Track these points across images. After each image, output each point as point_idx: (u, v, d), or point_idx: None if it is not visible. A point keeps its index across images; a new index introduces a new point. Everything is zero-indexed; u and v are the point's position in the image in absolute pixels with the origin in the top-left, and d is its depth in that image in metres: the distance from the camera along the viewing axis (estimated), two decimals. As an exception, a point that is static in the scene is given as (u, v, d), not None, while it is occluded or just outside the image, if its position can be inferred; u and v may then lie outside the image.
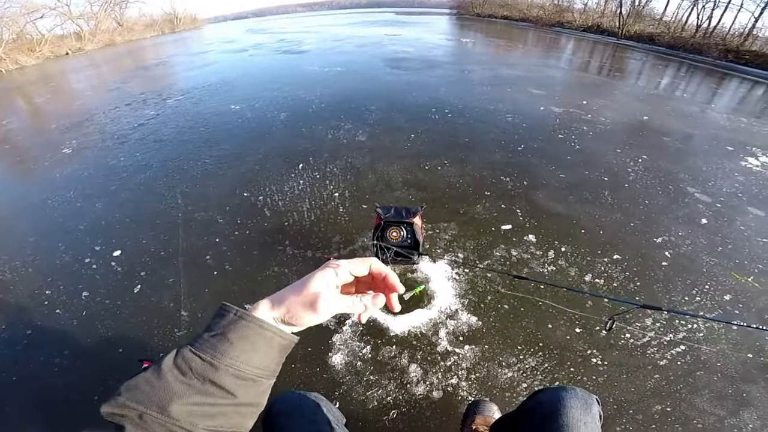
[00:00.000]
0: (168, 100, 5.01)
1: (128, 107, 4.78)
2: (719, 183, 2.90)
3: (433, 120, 3.84)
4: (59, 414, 1.49)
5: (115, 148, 3.52)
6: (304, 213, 2.54)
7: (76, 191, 2.89)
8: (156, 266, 2.16)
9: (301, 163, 3.07)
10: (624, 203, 2.66)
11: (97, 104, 5.08)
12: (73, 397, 1.53)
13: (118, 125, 4.13)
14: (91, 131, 4.03)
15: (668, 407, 1.47)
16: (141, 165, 3.18)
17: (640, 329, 1.77)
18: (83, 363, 1.66)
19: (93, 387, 1.55)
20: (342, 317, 1.84)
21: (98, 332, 1.79)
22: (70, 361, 1.67)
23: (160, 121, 4.14)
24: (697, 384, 1.55)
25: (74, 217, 2.61)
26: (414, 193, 2.76)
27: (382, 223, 1.92)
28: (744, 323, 1.73)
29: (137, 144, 3.58)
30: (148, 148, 3.47)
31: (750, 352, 1.67)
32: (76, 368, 1.64)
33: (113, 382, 1.54)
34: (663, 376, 1.58)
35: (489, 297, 1.94)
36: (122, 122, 4.22)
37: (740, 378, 1.57)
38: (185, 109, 4.53)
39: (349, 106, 4.34)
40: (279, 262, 2.17)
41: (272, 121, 3.99)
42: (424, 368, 1.63)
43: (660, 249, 2.27)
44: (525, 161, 3.13)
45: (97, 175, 3.07)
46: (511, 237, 2.34)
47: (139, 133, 3.83)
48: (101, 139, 3.77)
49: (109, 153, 3.44)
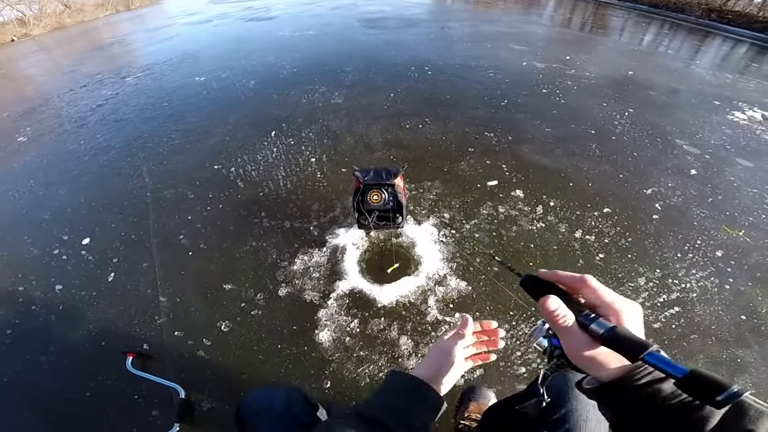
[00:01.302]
0: (127, 78, 4.68)
1: (84, 89, 4.45)
2: (707, 135, 2.84)
3: (412, 78, 3.65)
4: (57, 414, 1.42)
5: (74, 132, 3.28)
6: (280, 182, 2.38)
7: (37, 180, 2.68)
8: (128, 251, 2.02)
9: (273, 131, 2.88)
10: (612, 155, 2.58)
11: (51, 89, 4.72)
12: (68, 395, 1.46)
13: (75, 108, 3.85)
14: (47, 117, 3.75)
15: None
16: (103, 147, 2.97)
17: (632, 290, 1.72)
18: (70, 359, 1.58)
19: (85, 383, 1.48)
20: (326, 290, 1.74)
21: (79, 326, 1.69)
22: (57, 358, 1.58)
23: (119, 100, 3.88)
24: (691, 349, 1.51)
25: (38, 206, 2.42)
26: (395, 153, 2.63)
27: (361, 186, 1.79)
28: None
29: (97, 126, 3.34)
30: (109, 129, 3.24)
31: (743, 313, 1.65)
32: (64, 365, 1.56)
33: (103, 377, 1.49)
34: (657, 340, 1.54)
35: (478, 259, 1.86)
36: (79, 105, 3.93)
37: (734, 342, 1.54)
38: (146, 86, 4.24)
39: (324, 69, 4.10)
40: (256, 235, 2.04)
41: (241, 89, 3.74)
42: (415, 340, 1.56)
43: (650, 201, 2.22)
44: (509, 116, 3.01)
45: (57, 161, 2.86)
46: (498, 193, 2.25)
47: (98, 115, 3.58)
48: (58, 124, 3.51)
49: (68, 137, 3.20)
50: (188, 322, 1.66)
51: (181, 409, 1.34)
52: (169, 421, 1.33)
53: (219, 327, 1.63)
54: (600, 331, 0.47)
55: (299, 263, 1.87)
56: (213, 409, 1.39)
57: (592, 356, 0.48)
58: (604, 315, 0.49)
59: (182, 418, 1.32)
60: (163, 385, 1.44)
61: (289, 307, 1.70)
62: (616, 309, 0.49)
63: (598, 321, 0.48)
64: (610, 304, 0.49)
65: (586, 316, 0.49)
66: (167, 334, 1.62)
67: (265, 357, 1.53)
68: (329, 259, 1.88)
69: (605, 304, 0.50)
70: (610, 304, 0.49)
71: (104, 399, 1.44)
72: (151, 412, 1.39)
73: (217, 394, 1.42)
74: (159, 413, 1.38)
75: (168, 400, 1.40)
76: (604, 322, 0.48)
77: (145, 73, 4.78)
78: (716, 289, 1.74)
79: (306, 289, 1.76)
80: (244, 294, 1.76)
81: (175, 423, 1.31)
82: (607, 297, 0.50)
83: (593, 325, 0.48)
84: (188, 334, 1.62)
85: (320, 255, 1.90)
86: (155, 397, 1.43)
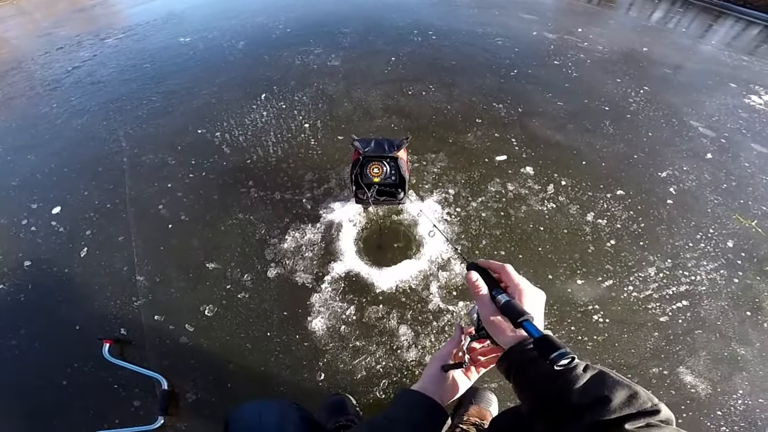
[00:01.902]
0: (107, 39, 4.33)
1: (60, 51, 4.10)
2: (723, 118, 2.69)
3: (415, 42, 3.38)
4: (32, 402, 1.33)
5: (47, 95, 3.01)
6: (270, 148, 2.18)
7: (5, 145, 2.44)
8: (102, 222, 1.84)
9: (263, 93, 2.65)
10: (626, 134, 2.42)
11: (26, 51, 4.36)
12: (42, 383, 1.36)
13: (50, 71, 3.54)
14: (18, 80, 3.44)
15: (665, 370, 1.38)
16: (77, 110, 2.72)
17: (642, 281, 1.63)
18: (42, 343, 1.45)
19: (60, 370, 1.38)
20: (319, 272, 1.60)
21: (50, 307, 1.55)
22: (28, 342, 1.46)
23: (97, 62, 3.57)
24: (695, 345, 1.45)
25: (5, 173, 2.20)
26: (396, 121, 2.43)
27: (360, 158, 1.61)
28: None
29: (72, 88, 3.06)
30: (85, 92, 2.98)
31: (749, 309, 1.57)
32: (36, 350, 1.45)
33: (79, 364, 1.39)
34: (663, 334, 1.47)
35: (484, 241, 1.73)
36: (54, 67, 3.61)
37: (737, 339, 1.48)
38: (127, 48, 3.92)
39: (320, 30, 3.80)
40: (243, 206, 1.87)
41: (229, 50, 3.45)
42: (416, 330, 1.44)
43: (664, 184, 2.09)
44: (519, 87, 2.80)
45: (26, 126, 2.62)
46: (507, 169, 2.10)
47: (74, 77, 3.29)
48: (30, 87, 3.22)
49: (40, 101, 2.94)
50: (169, 305, 1.53)
51: (164, 402, 1.25)
52: (152, 412, 1.25)
53: (203, 311, 1.50)
54: (501, 300, 0.63)
55: (290, 240, 1.71)
56: (198, 400, 1.29)
57: (496, 321, 0.62)
58: (511, 293, 0.64)
59: (166, 410, 1.24)
60: (144, 375, 1.33)
61: (279, 290, 1.57)
62: (521, 289, 0.64)
63: (502, 294, 0.64)
64: (517, 285, 0.64)
65: (497, 291, 0.65)
66: (146, 318, 1.49)
67: (253, 345, 1.41)
68: (323, 237, 1.73)
69: (514, 285, 0.65)
70: (517, 286, 0.64)
71: (82, 387, 1.33)
72: (132, 403, 1.29)
73: (203, 384, 1.32)
74: (141, 404, 1.29)
75: (150, 389, 1.31)
76: (506, 296, 0.63)
77: (127, 35, 4.45)
78: (724, 282, 1.66)
79: (297, 270, 1.62)
80: (229, 274, 1.61)
81: (159, 416, 1.23)
82: (516, 280, 0.65)
83: (499, 297, 0.64)
84: (169, 319, 1.49)
85: (313, 231, 1.75)
86: (136, 386, 1.32)
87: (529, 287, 0.65)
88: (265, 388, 1.32)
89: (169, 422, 1.24)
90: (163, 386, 1.29)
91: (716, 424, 1.28)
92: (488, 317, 0.63)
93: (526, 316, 0.58)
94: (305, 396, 1.30)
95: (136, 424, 1.23)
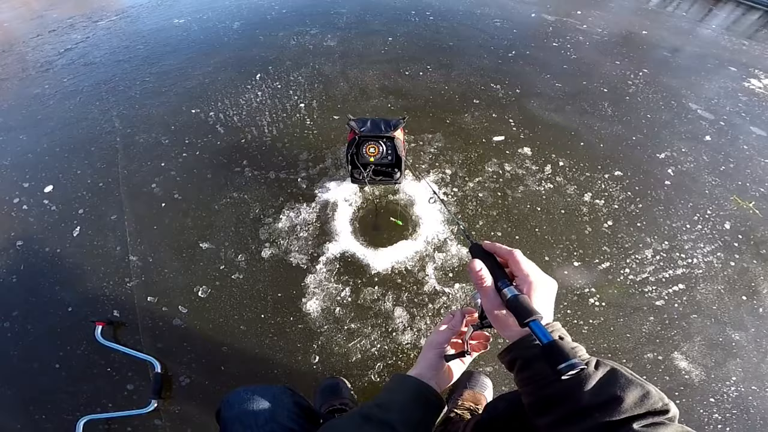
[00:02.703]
0: (99, 21, 4.22)
1: (53, 33, 4.00)
2: (722, 101, 2.67)
3: (413, 23, 3.32)
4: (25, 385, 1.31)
5: (39, 77, 2.94)
6: (264, 128, 2.15)
7: None
8: (95, 201, 1.81)
9: (259, 73, 2.60)
10: (625, 116, 2.40)
11: (18, 34, 4.24)
12: (35, 365, 1.34)
13: (41, 53, 3.45)
14: (10, 62, 3.36)
15: (660, 355, 1.38)
16: (69, 91, 2.67)
17: (639, 263, 1.63)
18: (35, 326, 1.42)
19: (53, 353, 1.36)
20: (314, 253, 1.58)
21: (43, 288, 1.52)
22: (21, 324, 1.43)
23: (90, 44, 3.48)
24: (690, 330, 1.45)
25: None
26: (393, 101, 2.39)
27: (356, 138, 1.58)
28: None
29: (64, 70, 3.00)
30: (77, 73, 2.91)
31: (744, 293, 1.58)
32: (29, 332, 1.42)
33: (72, 346, 1.37)
34: (658, 319, 1.47)
35: (481, 222, 1.71)
36: (45, 49, 3.52)
37: (732, 324, 1.48)
38: (120, 29, 3.83)
39: (316, 11, 3.72)
40: (237, 186, 1.84)
41: (224, 31, 3.37)
42: (411, 312, 1.43)
43: (663, 166, 2.08)
44: (517, 68, 2.76)
45: (18, 107, 2.56)
46: (504, 150, 2.07)
47: (66, 59, 3.21)
48: (21, 69, 3.14)
49: (31, 82, 2.87)
50: (162, 286, 1.50)
51: (157, 385, 1.23)
52: (145, 396, 1.23)
53: (196, 293, 1.47)
54: (508, 295, 0.56)
55: (285, 220, 1.69)
56: (192, 383, 1.27)
57: (500, 315, 0.57)
58: (519, 285, 0.58)
59: (159, 393, 1.22)
60: (137, 358, 1.31)
61: (273, 270, 1.55)
62: (530, 281, 0.57)
63: (510, 287, 0.57)
64: (526, 276, 0.58)
65: (503, 282, 0.58)
66: (139, 299, 1.47)
67: (246, 327, 1.40)
68: (318, 217, 1.71)
69: (523, 275, 0.58)
70: (526, 277, 0.58)
71: (75, 370, 1.31)
72: (126, 386, 1.28)
73: (196, 367, 1.31)
74: (134, 387, 1.28)
75: (144, 372, 1.29)
76: (514, 289, 0.57)
77: (120, 17, 4.35)
78: (721, 266, 1.66)
79: (292, 250, 1.60)
80: (223, 254, 1.59)
81: (152, 399, 1.21)
82: (525, 270, 0.58)
83: (505, 290, 0.57)
84: (162, 300, 1.46)
85: (308, 211, 1.72)
86: (129, 369, 1.30)
87: (539, 277, 0.59)
88: (258, 371, 1.30)
89: (162, 406, 1.23)
90: (156, 369, 1.27)
91: (708, 411, 1.28)
92: (492, 311, 0.58)
93: (534, 317, 0.52)
94: (299, 379, 1.28)
95: (129, 408, 1.22)
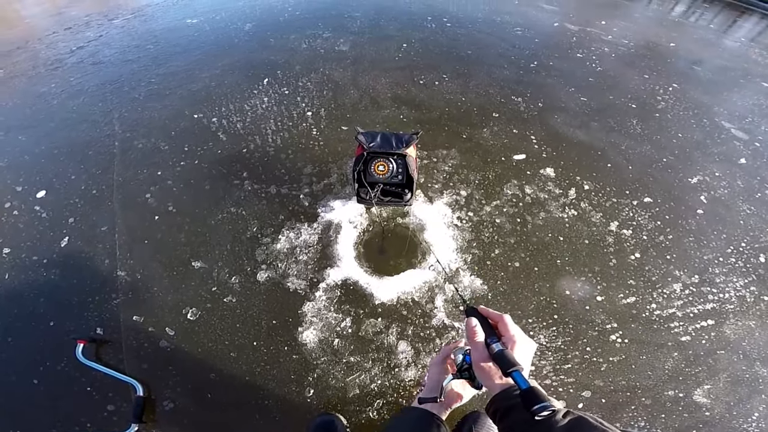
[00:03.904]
0: (114, 20, 4.23)
1: (68, 31, 4.01)
2: (756, 120, 2.50)
3: (429, 29, 3.19)
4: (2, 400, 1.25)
5: (47, 75, 2.91)
6: (268, 137, 2.03)
7: None
8: (86, 209, 1.73)
9: (266, 78, 2.50)
10: (654, 135, 2.24)
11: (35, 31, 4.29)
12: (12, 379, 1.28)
13: (54, 50, 3.45)
14: (22, 59, 3.35)
15: (681, 392, 1.28)
16: (75, 90, 2.62)
17: (666, 298, 1.50)
18: (15, 338, 1.36)
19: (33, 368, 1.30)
20: (314, 278, 1.46)
21: (27, 300, 1.45)
22: (1, 335, 1.37)
23: (102, 43, 3.47)
24: (717, 366, 1.34)
25: None
26: (406, 112, 2.26)
27: (365, 154, 1.46)
28: None
29: (73, 68, 2.96)
30: (85, 72, 2.88)
31: None
32: (9, 345, 1.35)
33: (52, 362, 1.30)
34: (683, 355, 1.36)
35: (497, 250, 1.58)
36: (59, 47, 3.52)
37: (762, 360, 1.37)
38: (133, 28, 3.82)
39: (329, 14, 3.64)
40: (235, 200, 1.73)
41: (235, 32, 3.31)
42: (416, 347, 1.32)
43: (695, 191, 1.93)
44: (539, 80, 2.62)
45: (23, 105, 2.52)
46: (525, 170, 1.94)
47: (77, 57, 3.19)
48: (32, 66, 3.12)
49: (40, 80, 2.84)
50: (150, 305, 1.42)
51: (138, 408, 1.18)
52: (126, 418, 1.18)
53: (185, 314, 1.38)
54: (495, 349, 0.68)
55: (284, 241, 1.57)
56: (176, 408, 1.20)
57: (486, 368, 0.68)
58: (505, 342, 0.70)
59: (140, 418, 1.16)
60: (117, 379, 1.25)
61: (268, 295, 1.44)
62: (514, 341, 0.69)
63: (497, 343, 0.69)
64: (512, 336, 0.70)
65: (492, 339, 0.70)
66: (125, 317, 1.38)
67: (237, 354, 1.30)
68: (320, 239, 1.59)
69: (509, 335, 0.70)
70: (512, 337, 0.70)
71: (54, 387, 1.25)
72: (106, 407, 1.21)
73: (182, 392, 1.23)
74: (115, 408, 1.20)
75: (126, 393, 1.22)
76: (500, 345, 0.69)
77: (135, 15, 4.35)
78: (753, 300, 1.53)
79: (290, 274, 1.48)
80: (216, 275, 1.48)
81: (132, 423, 1.15)
82: (512, 332, 0.71)
83: (493, 345, 0.69)
84: (149, 320, 1.38)
85: (310, 232, 1.60)
86: (111, 389, 1.24)
87: (522, 339, 0.70)
88: (248, 400, 1.22)
89: (144, 429, 1.17)
90: (138, 392, 1.21)
91: None
92: (479, 362, 0.70)
93: (516, 367, 0.63)
94: (292, 412, 1.20)
95: (109, 429, 1.17)
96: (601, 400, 1.25)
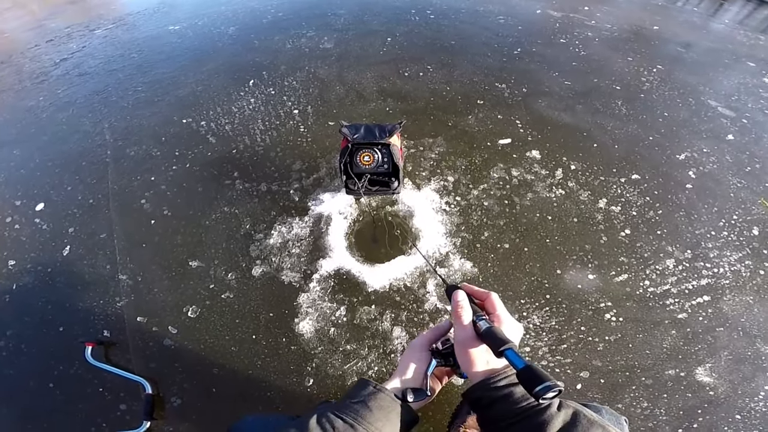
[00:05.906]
0: (96, 30, 4.22)
1: (50, 43, 4.01)
2: (743, 98, 2.51)
3: (413, 22, 3.21)
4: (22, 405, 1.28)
5: (34, 89, 2.92)
6: (257, 136, 2.06)
7: None
8: (85, 218, 1.76)
9: (252, 79, 2.51)
10: (640, 114, 2.26)
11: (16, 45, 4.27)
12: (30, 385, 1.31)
13: (38, 63, 3.45)
14: (6, 74, 3.36)
15: (682, 371, 1.27)
16: (63, 103, 2.64)
17: (659, 274, 1.50)
18: (28, 346, 1.40)
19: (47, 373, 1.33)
20: (307, 270, 1.49)
21: (35, 308, 1.48)
22: (15, 344, 1.40)
23: (86, 54, 3.47)
24: (716, 344, 1.34)
25: None
26: (392, 104, 2.28)
27: (349, 146, 1.48)
28: None
29: (59, 81, 2.97)
30: (72, 84, 2.89)
31: None
32: (23, 352, 1.38)
33: (65, 366, 1.34)
34: (681, 333, 1.36)
35: (486, 233, 1.60)
36: (43, 60, 3.52)
37: (762, 337, 1.36)
38: (115, 38, 3.82)
39: (313, 13, 3.65)
40: (228, 200, 1.76)
41: (218, 37, 3.32)
42: (411, 332, 1.34)
43: (683, 167, 1.94)
44: (523, 66, 2.64)
45: (13, 120, 2.54)
46: (511, 153, 1.95)
47: (61, 69, 3.19)
48: (18, 81, 3.13)
49: (26, 94, 2.85)
50: (152, 306, 1.45)
51: (148, 406, 1.21)
52: (138, 416, 1.21)
53: (186, 312, 1.41)
54: (483, 327, 0.62)
55: (276, 236, 1.59)
56: (183, 404, 1.23)
57: (471, 351, 0.61)
58: (493, 321, 0.64)
59: (150, 415, 1.20)
60: (126, 378, 1.29)
61: (264, 289, 1.46)
62: (502, 319, 0.64)
63: (485, 320, 0.63)
64: (499, 315, 0.65)
65: (478, 316, 0.64)
66: (129, 319, 1.41)
67: (238, 348, 1.33)
68: (311, 232, 1.61)
69: (496, 314, 0.65)
70: (499, 316, 0.65)
71: (69, 391, 1.29)
72: (118, 406, 1.24)
73: (188, 387, 1.26)
74: (127, 408, 1.24)
75: (136, 392, 1.26)
76: (489, 322, 0.63)
77: (116, 25, 4.35)
78: (749, 274, 1.53)
79: (284, 268, 1.50)
80: (213, 273, 1.50)
81: (144, 421, 1.19)
82: (499, 310, 0.66)
83: (480, 322, 0.63)
84: (152, 320, 1.41)
85: (301, 226, 1.63)
86: (122, 389, 1.27)
87: (509, 319, 0.66)
88: (251, 393, 1.25)
89: (155, 426, 1.20)
90: (147, 390, 1.24)
91: (734, 428, 1.19)
92: (465, 341, 0.63)
93: (508, 345, 0.56)
94: (294, 401, 1.22)
95: (123, 428, 1.20)
96: (600, 381, 1.25)
